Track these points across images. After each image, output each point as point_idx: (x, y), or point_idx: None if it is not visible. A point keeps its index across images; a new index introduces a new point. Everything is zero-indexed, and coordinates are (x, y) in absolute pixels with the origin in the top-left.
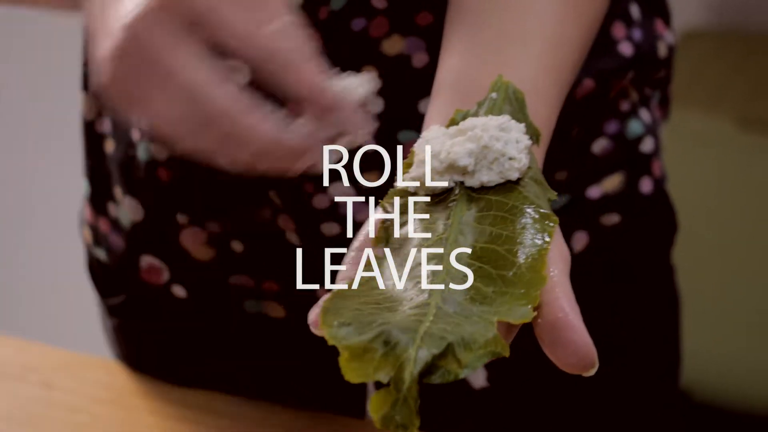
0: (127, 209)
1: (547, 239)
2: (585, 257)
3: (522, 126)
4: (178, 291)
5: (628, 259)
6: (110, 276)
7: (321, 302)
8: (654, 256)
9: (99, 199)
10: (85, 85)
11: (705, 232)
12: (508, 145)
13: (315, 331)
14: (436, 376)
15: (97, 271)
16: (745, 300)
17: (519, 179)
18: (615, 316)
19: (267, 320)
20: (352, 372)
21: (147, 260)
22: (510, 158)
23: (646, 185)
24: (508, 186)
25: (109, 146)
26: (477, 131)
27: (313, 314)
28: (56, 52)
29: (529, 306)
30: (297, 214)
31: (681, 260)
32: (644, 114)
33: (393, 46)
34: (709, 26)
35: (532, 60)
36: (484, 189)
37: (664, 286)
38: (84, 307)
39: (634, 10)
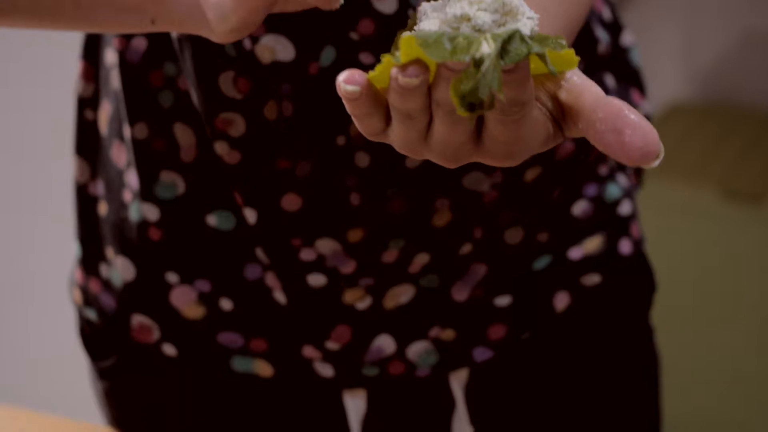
0: (119, 269)
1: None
2: (567, 317)
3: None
4: (169, 350)
5: (609, 319)
6: (101, 337)
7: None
8: (634, 315)
9: (90, 260)
10: (78, 149)
11: (688, 302)
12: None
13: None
14: (509, 57)
15: (87, 332)
16: (725, 364)
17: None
18: (596, 376)
19: (255, 380)
20: (427, 52)
21: (138, 319)
22: (528, 17)
23: (625, 246)
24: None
25: (102, 208)
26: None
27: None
28: (47, 114)
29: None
30: (283, 269)
31: (663, 328)
32: (621, 178)
33: None
34: (693, 99)
35: None
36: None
37: (644, 346)
38: (75, 374)
39: (609, 80)
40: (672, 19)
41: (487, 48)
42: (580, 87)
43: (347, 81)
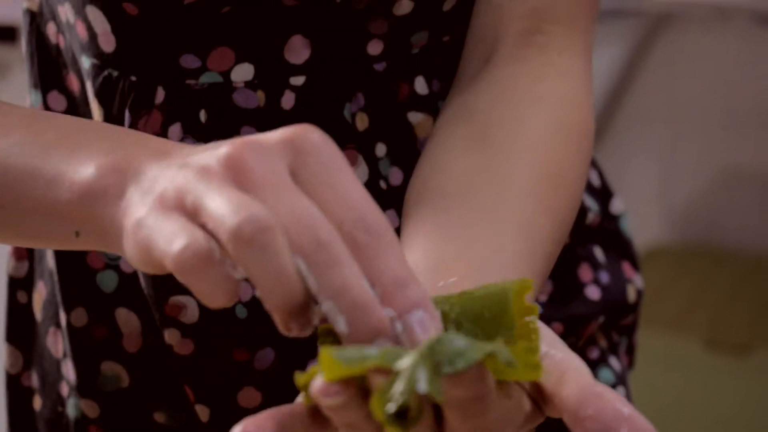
0: None
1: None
2: None
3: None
4: None
5: None
6: None
7: None
8: None
9: None
10: (9, 336)
11: None
12: None
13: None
14: (450, 365)
15: None
16: None
17: None
18: None
19: None
20: (348, 371)
21: None
22: None
23: None
24: None
25: (37, 403)
26: None
27: None
28: None
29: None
30: None
31: None
32: (614, 362)
33: None
34: (673, 242)
35: (502, 241)
36: None
37: None
38: None
39: (598, 253)
40: (649, 159)
41: (408, 361)
42: (560, 366)
43: None
